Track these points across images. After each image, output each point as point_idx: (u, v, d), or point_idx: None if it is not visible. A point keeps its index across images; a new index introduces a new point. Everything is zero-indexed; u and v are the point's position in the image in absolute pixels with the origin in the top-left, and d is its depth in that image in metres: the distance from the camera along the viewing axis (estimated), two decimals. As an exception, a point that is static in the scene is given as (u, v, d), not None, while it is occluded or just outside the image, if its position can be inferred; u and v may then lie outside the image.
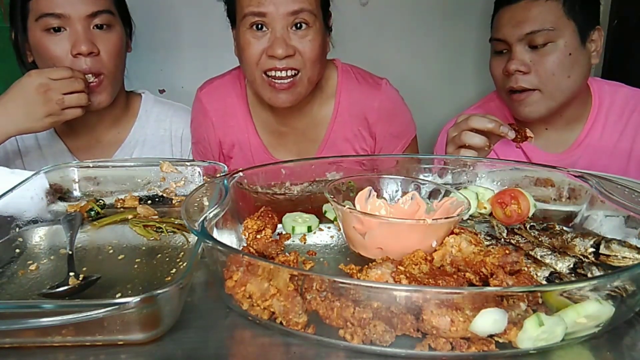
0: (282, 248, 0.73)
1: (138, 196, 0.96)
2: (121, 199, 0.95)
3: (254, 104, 1.27)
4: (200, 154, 1.34)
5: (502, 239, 0.78)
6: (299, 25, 1.08)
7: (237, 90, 1.28)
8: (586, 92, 1.26)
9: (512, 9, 1.17)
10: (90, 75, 1.17)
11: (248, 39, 1.08)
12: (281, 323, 0.57)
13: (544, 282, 0.66)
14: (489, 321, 0.52)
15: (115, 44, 1.20)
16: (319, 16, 1.12)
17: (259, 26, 1.06)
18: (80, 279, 0.66)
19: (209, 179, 0.91)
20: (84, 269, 0.72)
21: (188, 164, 0.98)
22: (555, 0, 1.14)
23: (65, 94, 1.08)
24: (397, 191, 0.85)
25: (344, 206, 0.73)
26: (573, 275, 0.68)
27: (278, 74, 1.09)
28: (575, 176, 0.86)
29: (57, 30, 1.15)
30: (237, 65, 1.29)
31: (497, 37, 1.21)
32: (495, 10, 1.23)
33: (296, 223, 0.83)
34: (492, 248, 0.69)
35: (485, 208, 0.88)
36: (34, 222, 0.85)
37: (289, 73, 1.10)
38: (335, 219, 0.83)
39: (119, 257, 0.76)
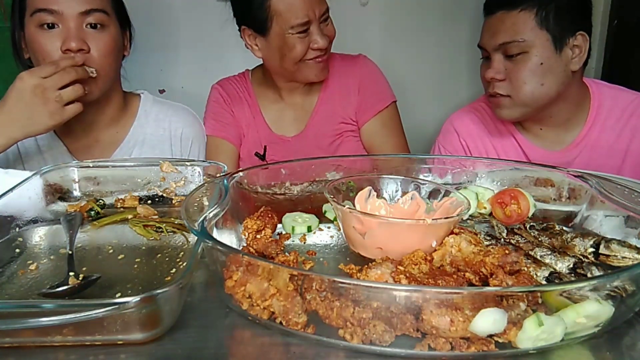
0: (282, 248, 0.73)
1: (138, 196, 0.96)
2: (121, 198, 0.95)
3: (259, 92, 1.55)
4: (220, 123, 1.52)
5: (502, 239, 0.78)
6: (326, 20, 1.36)
7: (244, 83, 1.56)
8: (583, 94, 1.28)
9: (490, 20, 1.22)
10: (91, 69, 1.16)
11: (293, 42, 1.33)
12: (281, 323, 0.57)
13: (544, 282, 0.66)
14: (488, 321, 0.52)
15: (107, 44, 1.20)
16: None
17: (305, 30, 1.33)
18: (80, 278, 0.66)
19: (209, 179, 0.91)
20: (84, 268, 0.72)
21: (188, 164, 0.98)
22: (528, 11, 1.17)
23: (60, 88, 1.08)
24: (397, 191, 0.85)
25: (344, 206, 0.73)
26: (573, 275, 0.68)
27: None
28: (575, 176, 0.86)
29: (51, 27, 1.15)
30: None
31: (479, 44, 1.27)
32: (483, 19, 1.29)
33: (296, 223, 0.83)
34: (492, 248, 0.69)
35: (485, 208, 0.88)
36: (34, 222, 0.85)
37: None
38: (335, 219, 0.83)
39: (119, 257, 0.76)
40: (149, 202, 0.95)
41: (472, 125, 1.39)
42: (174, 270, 0.72)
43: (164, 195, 0.97)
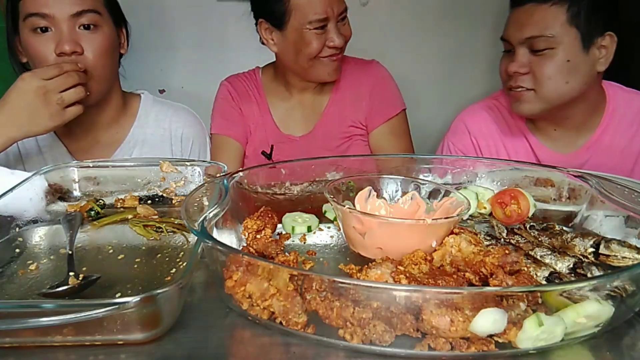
0: (282, 248, 0.73)
1: (138, 196, 0.96)
2: (121, 198, 0.95)
3: (269, 90, 1.54)
4: (227, 122, 1.53)
5: (502, 239, 0.78)
6: (343, 19, 1.39)
7: (254, 81, 1.56)
8: (599, 97, 1.26)
9: (518, 11, 1.18)
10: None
11: (310, 38, 1.34)
12: (281, 323, 0.57)
13: (544, 282, 0.66)
14: (488, 321, 0.52)
15: (102, 44, 1.20)
16: None
17: (322, 27, 1.34)
18: (80, 278, 0.66)
19: (209, 179, 0.91)
20: (84, 268, 0.72)
21: (188, 164, 0.98)
22: (559, 6, 1.13)
23: (62, 91, 1.08)
24: (397, 191, 0.85)
25: (344, 206, 0.73)
26: (573, 275, 0.68)
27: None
28: (575, 176, 0.86)
29: (45, 30, 1.15)
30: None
31: (503, 36, 1.23)
32: (510, 10, 1.25)
33: (296, 223, 0.83)
34: (492, 248, 0.69)
35: (485, 208, 0.88)
36: (34, 222, 0.85)
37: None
38: (335, 219, 0.83)
39: (119, 257, 0.76)
40: (149, 202, 0.95)
41: (484, 124, 1.37)
42: (174, 270, 0.72)
43: (164, 195, 0.97)
